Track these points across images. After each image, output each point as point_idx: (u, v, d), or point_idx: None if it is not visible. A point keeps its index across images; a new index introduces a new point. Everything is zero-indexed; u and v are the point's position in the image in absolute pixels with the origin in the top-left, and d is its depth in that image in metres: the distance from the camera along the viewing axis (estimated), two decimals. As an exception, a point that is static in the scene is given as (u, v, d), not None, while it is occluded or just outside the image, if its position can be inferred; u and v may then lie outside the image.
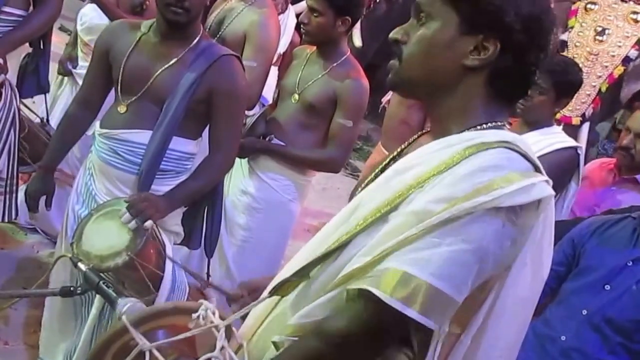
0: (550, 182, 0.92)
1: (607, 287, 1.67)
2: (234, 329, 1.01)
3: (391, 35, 0.98)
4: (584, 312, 1.67)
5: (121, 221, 1.54)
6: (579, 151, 2.28)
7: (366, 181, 1.07)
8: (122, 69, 1.77)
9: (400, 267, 0.85)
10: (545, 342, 1.71)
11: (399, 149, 1.09)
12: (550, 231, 0.96)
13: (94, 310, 1.70)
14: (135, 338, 0.93)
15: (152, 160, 1.73)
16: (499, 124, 0.96)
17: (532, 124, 2.25)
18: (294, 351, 0.92)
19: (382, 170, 1.04)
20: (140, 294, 1.37)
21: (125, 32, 1.82)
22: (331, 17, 2.16)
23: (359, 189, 1.06)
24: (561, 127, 2.57)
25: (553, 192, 0.91)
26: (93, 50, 1.90)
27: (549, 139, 2.25)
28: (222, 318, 0.98)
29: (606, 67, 3.33)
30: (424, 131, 1.09)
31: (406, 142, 1.09)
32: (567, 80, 2.23)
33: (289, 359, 0.93)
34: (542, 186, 0.89)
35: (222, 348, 0.93)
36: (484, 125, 0.94)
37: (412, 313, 0.84)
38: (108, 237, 1.51)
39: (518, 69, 0.94)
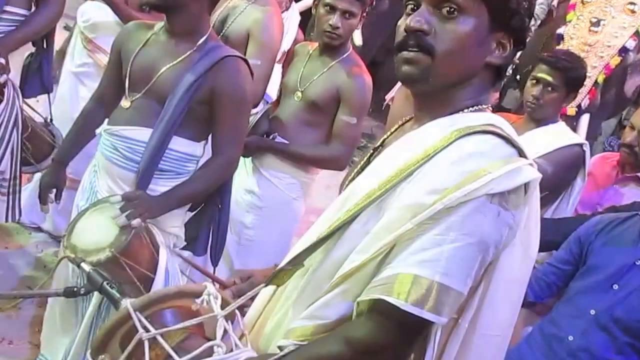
0: (535, 164, 0.94)
1: (615, 286, 1.65)
2: (238, 313, 1.03)
3: (413, 24, 0.91)
4: (592, 311, 1.65)
5: (110, 217, 1.54)
6: (584, 148, 2.26)
7: (353, 174, 1.08)
8: (130, 66, 1.78)
9: (409, 271, 0.86)
10: (553, 342, 1.69)
11: (381, 139, 1.10)
12: (537, 212, 0.99)
13: (91, 308, 1.70)
14: (137, 325, 0.94)
15: (150, 159, 1.71)
16: (483, 106, 0.98)
17: (540, 121, 2.24)
18: (314, 352, 0.93)
19: (368, 162, 1.06)
20: (130, 296, 1.37)
21: (138, 31, 1.83)
22: (359, 17, 2.18)
23: (347, 182, 1.08)
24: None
25: (540, 175, 0.93)
26: (110, 50, 1.91)
27: (554, 136, 2.24)
28: (225, 301, 1.00)
29: (602, 57, 3.31)
30: (406, 118, 1.09)
31: (389, 132, 1.10)
32: (577, 75, 2.22)
33: (308, 358, 0.93)
34: (528, 170, 0.91)
35: (225, 334, 0.95)
36: (471, 109, 0.96)
37: (427, 315, 0.86)
38: (96, 233, 1.51)
39: (515, 58, 0.99)
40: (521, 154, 0.92)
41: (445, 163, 0.88)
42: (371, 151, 1.09)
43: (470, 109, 0.96)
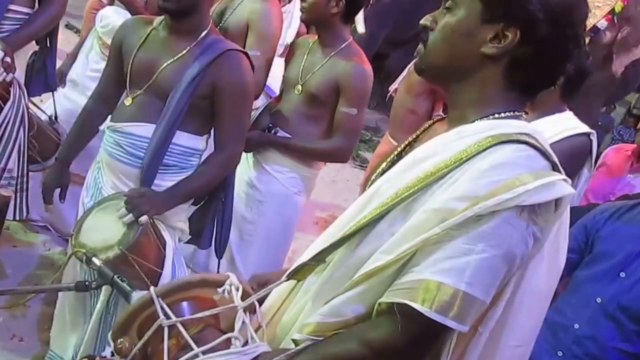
0: (569, 180, 0.93)
1: (622, 274, 1.64)
2: (257, 306, 1.03)
3: (421, 21, 1.01)
4: (598, 299, 1.64)
5: (117, 215, 1.56)
6: (591, 137, 2.24)
7: (381, 169, 1.08)
8: (131, 62, 1.79)
9: (436, 279, 0.87)
10: (558, 330, 1.69)
11: (414, 136, 1.10)
12: (566, 226, 0.99)
13: (99, 304, 1.71)
14: (158, 312, 0.95)
15: (154, 154, 1.72)
16: (517, 113, 0.96)
17: (543, 110, 2.22)
18: (330, 349, 0.93)
19: (398, 157, 1.06)
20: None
21: (138, 27, 1.84)
22: None
23: (373, 177, 1.07)
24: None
25: (573, 191, 0.92)
26: (110, 46, 1.92)
27: (560, 126, 2.22)
28: (246, 293, 1.01)
29: None
30: (438, 117, 1.10)
31: (421, 129, 1.10)
32: (577, 66, 2.20)
33: (324, 355, 0.93)
34: (561, 185, 0.90)
35: (243, 325, 0.96)
36: (502, 114, 0.95)
37: (451, 323, 0.86)
38: (103, 231, 1.54)
39: (540, 59, 0.93)
40: (555, 168, 0.92)
41: (478, 170, 0.87)
42: (401, 148, 1.09)
43: (503, 114, 0.95)
